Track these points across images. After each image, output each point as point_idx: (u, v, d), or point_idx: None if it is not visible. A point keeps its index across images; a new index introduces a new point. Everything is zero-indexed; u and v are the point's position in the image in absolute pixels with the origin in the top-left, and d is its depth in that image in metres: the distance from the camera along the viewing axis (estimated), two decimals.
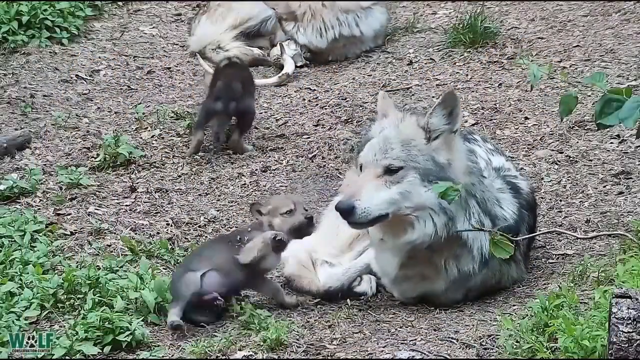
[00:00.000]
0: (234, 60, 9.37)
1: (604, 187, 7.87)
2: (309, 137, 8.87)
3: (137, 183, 8.17)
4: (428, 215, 6.38)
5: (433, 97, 9.27)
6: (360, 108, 9.13)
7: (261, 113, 9.21)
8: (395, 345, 6.15)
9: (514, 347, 5.81)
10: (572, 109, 6.32)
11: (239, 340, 6.21)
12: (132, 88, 9.67)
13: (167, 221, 7.71)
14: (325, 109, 9.25)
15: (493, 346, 6.03)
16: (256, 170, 8.44)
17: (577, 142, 8.45)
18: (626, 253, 6.52)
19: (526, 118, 8.86)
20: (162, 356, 6.06)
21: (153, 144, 8.74)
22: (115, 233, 7.49)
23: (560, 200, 7.79)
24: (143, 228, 7.60)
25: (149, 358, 6.04)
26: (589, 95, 8.76)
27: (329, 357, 6.10)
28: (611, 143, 8.37)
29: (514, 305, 6.56)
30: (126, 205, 7.90)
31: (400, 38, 10.39)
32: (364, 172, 6.45)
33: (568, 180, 8.03)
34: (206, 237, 7.57)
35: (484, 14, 10.09)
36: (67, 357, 5.99)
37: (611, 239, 7.07)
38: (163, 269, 7.04)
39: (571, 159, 8.26)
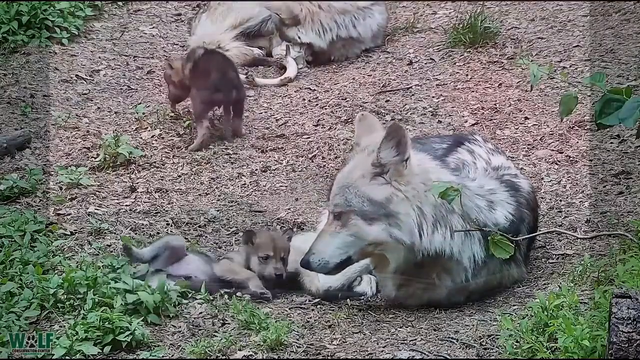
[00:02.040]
0: (212, 48, 9.39)
1: (604, 187, 7.87)
2: (309, 137, 8.86)
3: (137, 183, 8.17)
4: (389, 247, 6.41)
5: (433, 97, 9.27)
6: (360, 108, 9.11)
7: (261, 113, 9.21)
8: (395, 345, 6.14)
9: (514, 347, 5.81)
10: (572, 109, 6.32)
11: (239, 340, 6.21)
12: (132, 88, 9.67)
13: (167, 221, 7.71)
14: (325, 109, 9.24)
15: (493, 346, 6.03)
16: (256, 170, 8.44)
17: (577, 142, 8.44)
18: (626, 253, 6.51)
19: (526, 118, 8.86)
20: (162, 356, 6.06)
21: (153, 144, 8.73)
22: (115, 233, 7.48)
23: (560, 200, 7.78)
24: (143, 228, 7.60)
25: (149, 358, 6.03)
26: (589, 95, 8.75)
27: (329, 357, 6.10)
28: (611, 143, 8.37)
29: (514, 305, 6.55)
30: (126, 205, 7.90)
31: (400, 38, 10.38)
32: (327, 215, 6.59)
33: (568, 180, 8.02)
34: (206, 237, 7.57)
35: (484, 14, 10.08)
36: (67, 357, 5.98)
37: (611, 239, 7.06)
38: None
39: (571, 159, 8.26)
